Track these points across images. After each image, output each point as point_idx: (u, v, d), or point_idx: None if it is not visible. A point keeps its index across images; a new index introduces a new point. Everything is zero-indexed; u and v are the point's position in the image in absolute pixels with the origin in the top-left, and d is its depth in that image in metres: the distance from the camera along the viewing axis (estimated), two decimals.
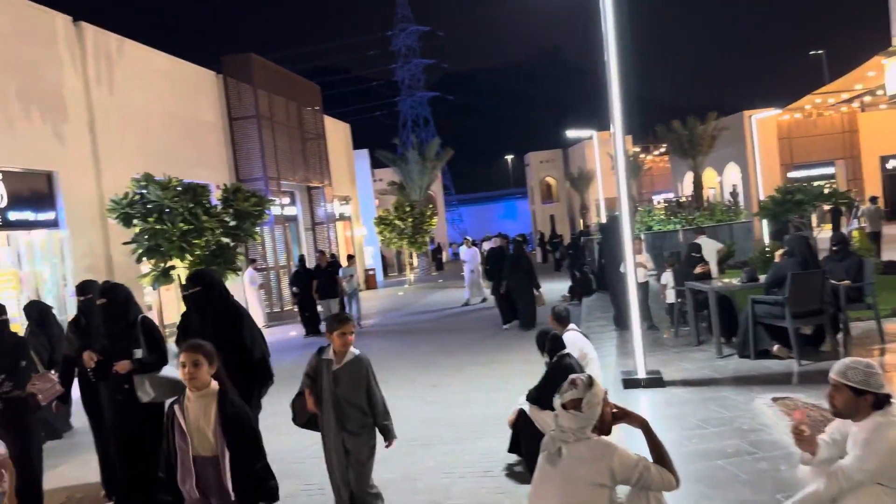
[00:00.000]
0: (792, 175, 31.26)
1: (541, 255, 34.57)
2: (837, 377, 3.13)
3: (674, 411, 6.48)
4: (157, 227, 11.45)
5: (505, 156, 77.17)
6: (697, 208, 22.54)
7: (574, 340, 6.10)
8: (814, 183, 18.36)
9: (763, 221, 19.21)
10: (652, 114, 46.44)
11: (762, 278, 8.83)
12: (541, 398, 5.23)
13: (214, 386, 3.48)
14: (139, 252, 11.68)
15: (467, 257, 18.20)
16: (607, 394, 3.32)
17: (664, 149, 36.62)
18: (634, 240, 7.88)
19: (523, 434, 5.36)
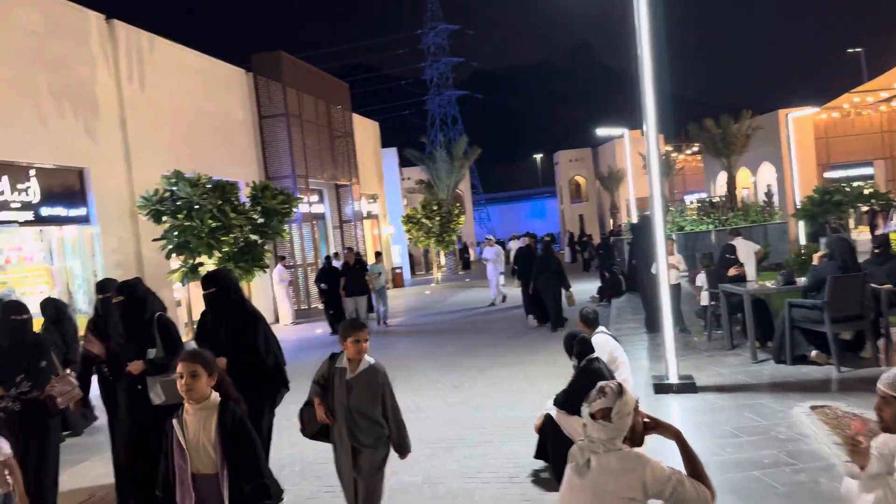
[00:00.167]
0: (829, 175, 30.55)
1: (569, 255, 34.25)
2: (887, 389, 2.93)
3: (707, 418, 6.29)
4: (187, 224, 11.55)
5: (533, 154, 76.86)
6: (731, 209, 22.07)
7: (603, 343, 5.94)
8: (853, 183, 17.82)
9: (799, 223, 18.74)
10: (684, 112, 45.79)
11: (800, 281, 8.60)
12: (568, 403, 5.10)
13: (215, 398, 3.23)
14: (168, 248, 11.79)
15: (490, 255, 18.04)
16: (639, 402, 3.17)
17: (696, 148, 36.01)
18: (666, 240, 7.66)
19: (550, 440, 5.22)
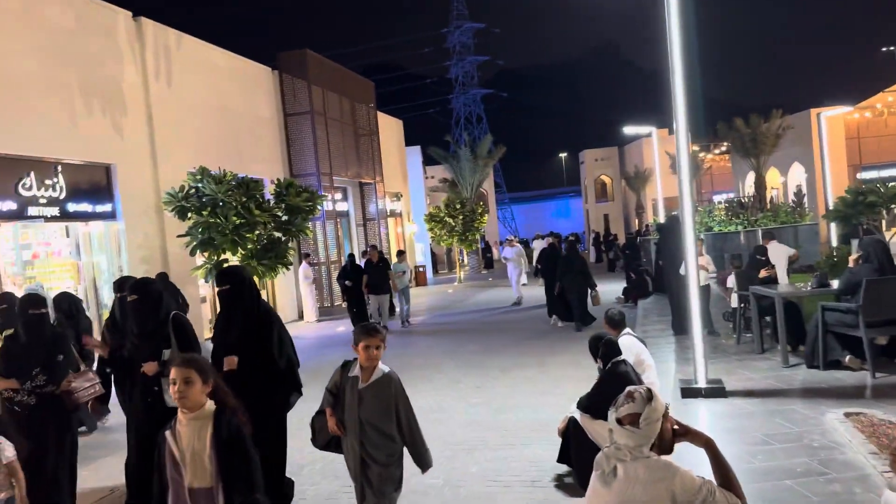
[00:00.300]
0: (861, 176, 29.85)
1: (594, 255, 33.91)
2: None
3: (736, 424, 6.11)
4: (211, 221, 11.57)
5: (558, 153, 76.35)
6: (760, 209, 21.63)
7: (629, 345, 5.80)
8: (888, 184, 17.29)
9: (830, 224, 18.31)
10: (713, 111, 45.07)
11: (833, 284, 8.35)
12: (593, 407, 4.97)
13: (210, 407, 3.03)
14: (193, 245, 11.83)
15: (510, 255, 17.86)
16: (668, 408, 3.04)
17: (725, 147, 35.44)
18: (695, 241, 7.48)
19: (574, 444, 5.10)
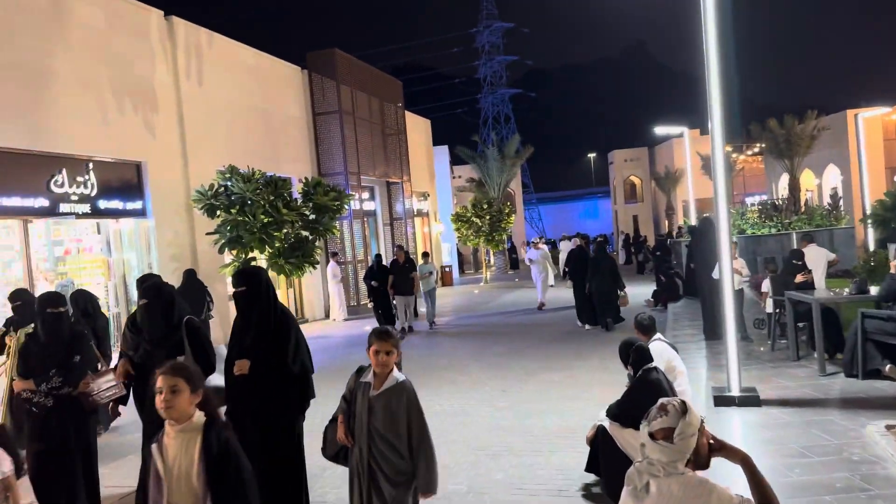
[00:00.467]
0: None
1: (624, 257, 33.40)
2: None
3: (772, 435, 5.91)
4: (239, 219, 11.64)
5: (587, 154, 75.70)
6: (795, 212, 21.14)
7: (660, 351, 5.63)
8: None
9: (868, 228, 17.81)
10: (746, 111, 44.28)
11: (873, 290, 8.07)
12: (623, 415, 4.83)
13: (199, 419, 2.79)
14: (221, 243, 11.90)
15: (534, 256, 17.65)
16: (704, 422, 2.89)
17: (758, 149, 34.77)
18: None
19: (602, 453, 4.95)
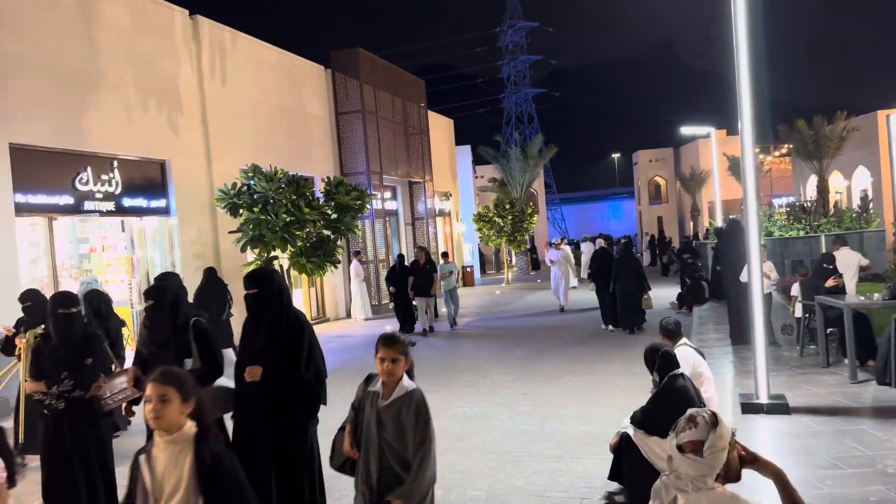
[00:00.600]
0: None
1: (649, 258, 32.91)
2: None
3: (802, 444, 5.73)
4: (262, 218, 11.65)
5: (611, 154, 75.07)
6: (823, 214, 20.72)
7: (686, 357, 5.47)
8: None
9: None
10: (774, 112, 43.57)
11: None
12: (648, 422, 4.70)
13: (190, 429, 2.62)
14: (244, 241, 11.92)
15: (554, 257, 17.43)
16: (735, 434, 2.76)
17: (785, 150, 34.22)
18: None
19: (626, 461, 4.83)
